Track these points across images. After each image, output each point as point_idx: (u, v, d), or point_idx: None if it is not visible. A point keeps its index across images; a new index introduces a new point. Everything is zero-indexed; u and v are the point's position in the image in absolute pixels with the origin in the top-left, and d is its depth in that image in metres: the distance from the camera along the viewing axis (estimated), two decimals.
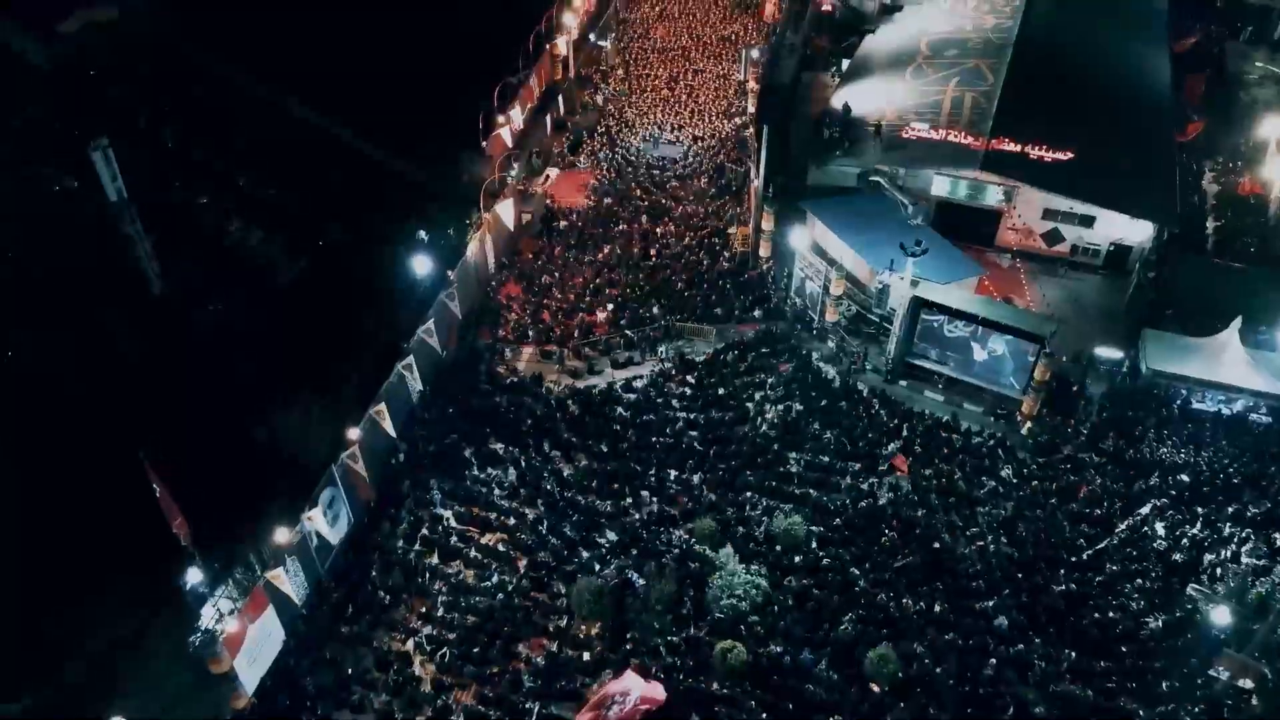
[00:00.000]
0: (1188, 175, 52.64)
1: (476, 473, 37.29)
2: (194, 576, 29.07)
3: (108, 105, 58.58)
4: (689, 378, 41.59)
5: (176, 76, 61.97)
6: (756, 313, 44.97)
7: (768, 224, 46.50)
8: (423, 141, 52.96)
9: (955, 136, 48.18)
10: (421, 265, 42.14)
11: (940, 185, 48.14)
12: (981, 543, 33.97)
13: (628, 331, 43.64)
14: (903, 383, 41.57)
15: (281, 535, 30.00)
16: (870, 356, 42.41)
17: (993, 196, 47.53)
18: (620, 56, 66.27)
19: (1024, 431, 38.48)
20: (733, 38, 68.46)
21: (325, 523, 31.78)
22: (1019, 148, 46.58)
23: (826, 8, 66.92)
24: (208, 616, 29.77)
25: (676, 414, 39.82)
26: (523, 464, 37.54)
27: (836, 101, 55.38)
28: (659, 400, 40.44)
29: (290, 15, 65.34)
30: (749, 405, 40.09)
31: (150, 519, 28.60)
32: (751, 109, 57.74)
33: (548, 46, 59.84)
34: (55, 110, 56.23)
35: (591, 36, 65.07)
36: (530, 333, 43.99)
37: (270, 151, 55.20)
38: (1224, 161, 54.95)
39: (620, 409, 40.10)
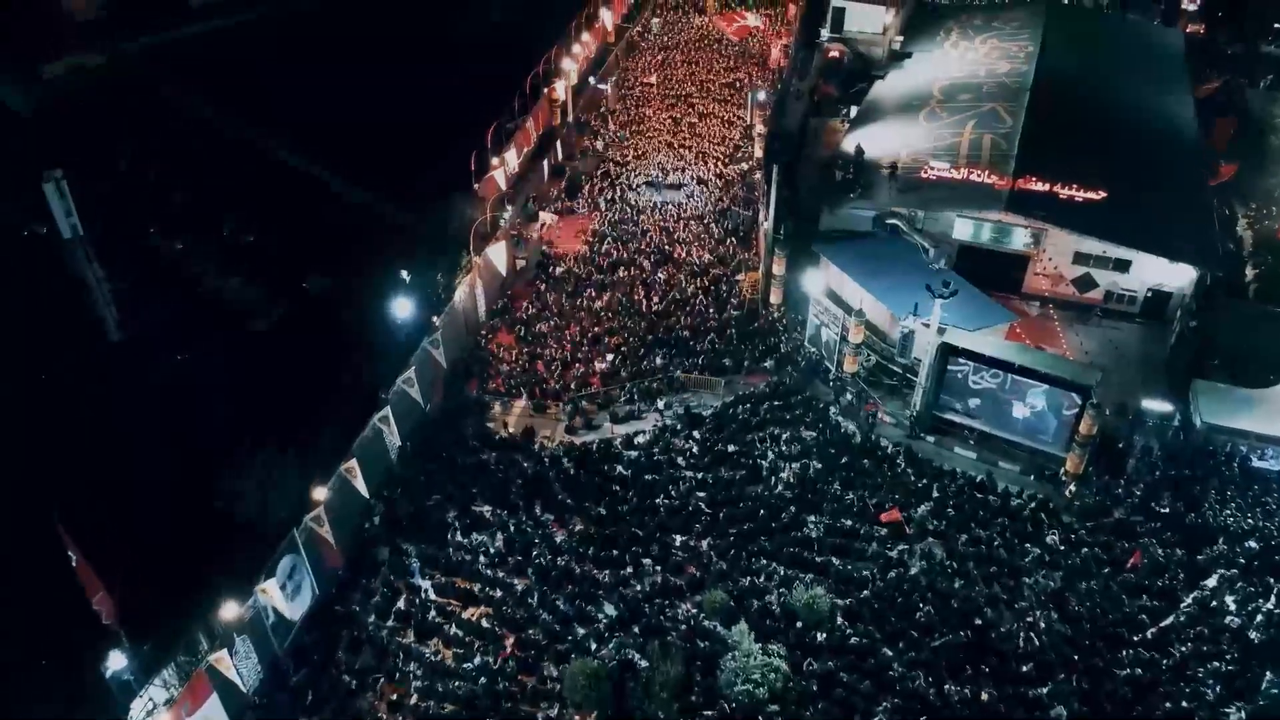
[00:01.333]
0: (1222, 220, 49.69)
1: (460, 538, 33.50)
2: (118, 662, 24.95)
3: (87, 148, 56.26)
4: (695, 433, 38.01)
5: (163, 121, 59.90)
6: (768, 363, 41.53)
7: (779, 268, 43.35)
8: (413, 185, 50.27)
9: (978, 176, 45.27)
10: (403, 308, 38.88)
11: (962, 228, 45.07)
12: (1030, 618, 29.99)
13: (629, 384, 40.19)
14: (930, 438, 37.93)
15: (230, 611, 26.10)
16: (892, 410, 38.86)
17: (1019, 240, 44.41)
18: (621, 102, 64.05)
19: (1069, 493, 34.69)
20: (737, 84, 66.32)
21: (284, 596, 27.88)
22: (1046, 187, 43.60)
23: (834, 55, 64.89)
24: (137, 710, 25.49)
25: (682, 473, 36.16)
26: (512, 529, 33.77)
27: (848, 144, 52.83)
28: (663, 458, 36.80)
29: (282, 61, 63.93)
30: (762, 463, 36.45)
31: (70, 593, 24.72)
32: (758, 152, 55.15)
33: (545, 91, 57.52)
34: (31, 153, 53.61)
35: (591, 80, 62.87)
36: (523, 385, 40.51)
37: (256, 196, 52.75)
38: (1258, 206, 52.10)
39: (620, 468, 36.46)
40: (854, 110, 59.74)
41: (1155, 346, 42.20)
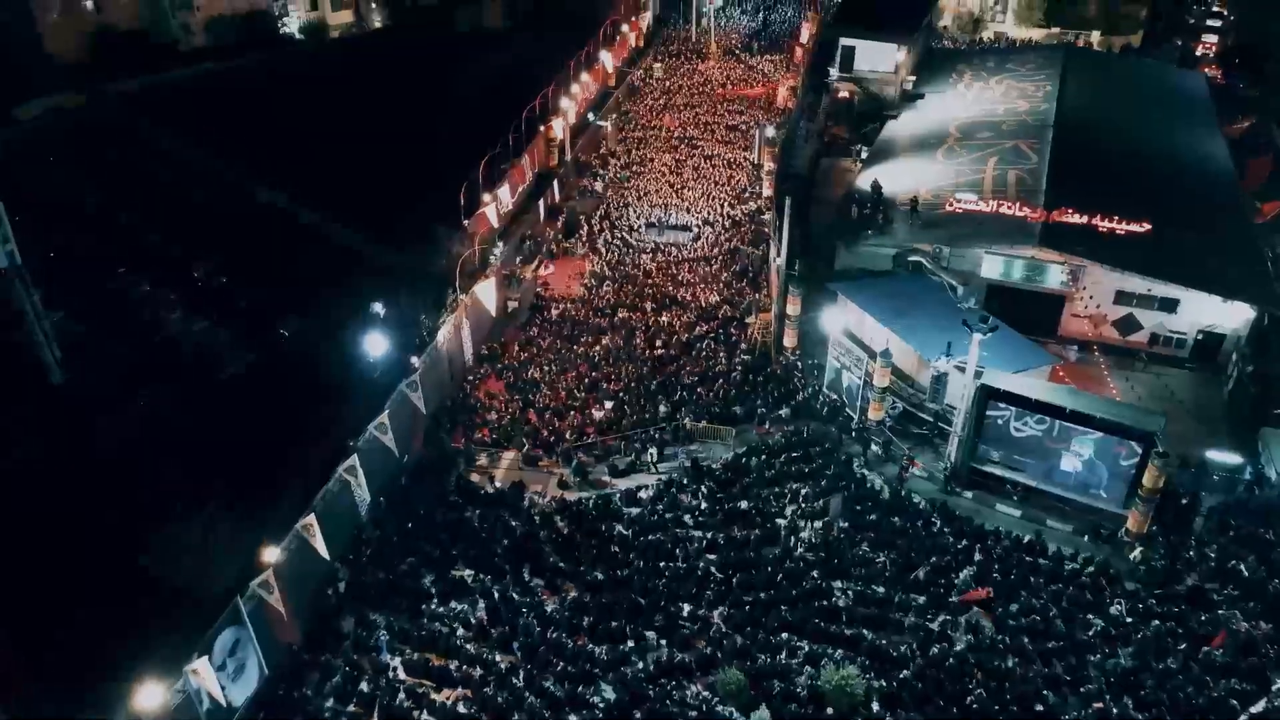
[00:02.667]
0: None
1: (436, 607, 29.20)
2: None
3: (56, 189, 53.25)
4: (704, 488, 33.90)
5: (139, 162, 56.92)
6: (783, 411, 37.60)
7: (793, 308, 39.72)
8: (400, 224, 46.90)
9: (1008, 209, 41.93)
10: (376, 345, 35.06)
11: (991, 266, 41.56)
12: (1100, 704, 25.54)
13: (630, 433, 36.26)
14: (967, 494, 33.82)
15: (152, 696, 21.74)
16: (923, 461, 34.83)
17: (1054, 278, 40.86)
18: (622, 144, 61.25)
19: (1133, 556, 30.43)
20: (742, 127, 63.63)
21: (221, 677, 23.52)
22: (1085, 219, 40.20)
23: (844, 95, 62.36)
24: None
25: (690, 533, 31.99)
26: (496, 596, 29.47)
27: (863, 181, 49.83)
28: (668, 516, 32.67)
29: (270, 105, 61.41)
30: (779, 521, 32.31)
31: None
32: (767, 191, 52.02)
33: (542, 129, 54.64)
34: None
35: (590, 116, 60.12)
36: (512, 435, 36.54)
37: (234, 239, 49.32)
38: None
39: (620, 527, 32.31)
40: (865, 151, 57.02)
41: (1210, 393, 38.32)
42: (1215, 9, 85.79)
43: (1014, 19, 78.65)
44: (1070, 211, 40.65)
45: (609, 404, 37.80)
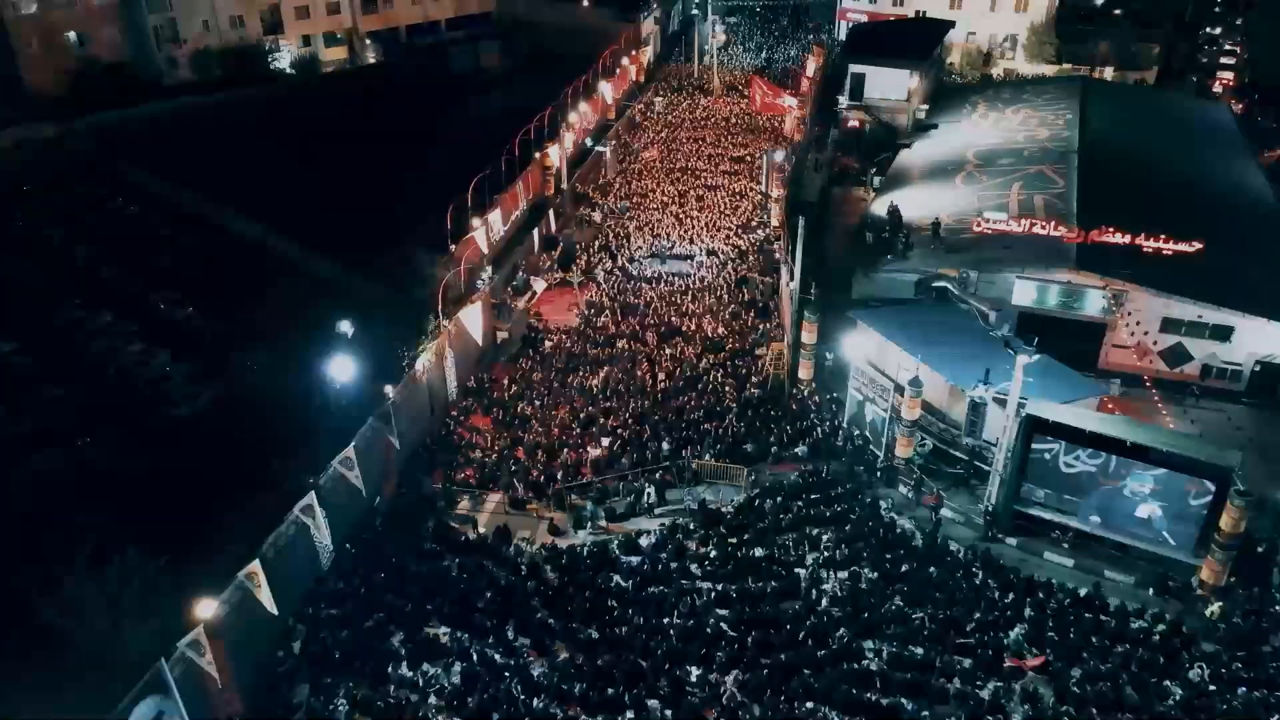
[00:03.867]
0: None
1: (406, 671, 25.18)
2: None
3: (19, 221, 50.40)
4: (713, 534, 30.02)
5: (111, 195, 53.99)
6: (800, 448, 33.84)
7: (809, 336, 36.18)
8: (382, 254, 43.56)
9: (1041, 228, 38.66)
10: (343, 370, 31.43)
11: (1024, 292, 38.11)
12: None
13: (629, 473, 32.51)
14: (1011, 540, 29.91)
15: None
16: (958, 505, 30.98)
17: (1094, 305, 37.35)
18: (622, 175, 58.40)
19: (1209, 612, 26.42)
20: (748, 159, 60.86)
21: None
22: (1128, 239, 36.88)
23: (854, 124, 59.66)
24: None
25: (698, 584, 28.05)
26: (475, 658, 25.48)
27: (879, 207, 46.74)
28: (673, 565, 28.76)
29: (253, 138, 58.71)
30: (799, 571, 28.38)
31: None
32: (776, 220, 48.88)
33: (537, 155, 51.73)
34: None
35: (588, 141, 57.34)
36: (499, 475, 32.75)
37: (201, 271, 46.08)
38: None
39: (619, 578, 28.39)
40: (878, 179, 54.09)
41: (1274, 429, 34.54)
42: (1229, 46, 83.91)
43: (1025, 55, 76.42)
44: (1110, 231, 37.35)
45: (606, 441, 34.08)
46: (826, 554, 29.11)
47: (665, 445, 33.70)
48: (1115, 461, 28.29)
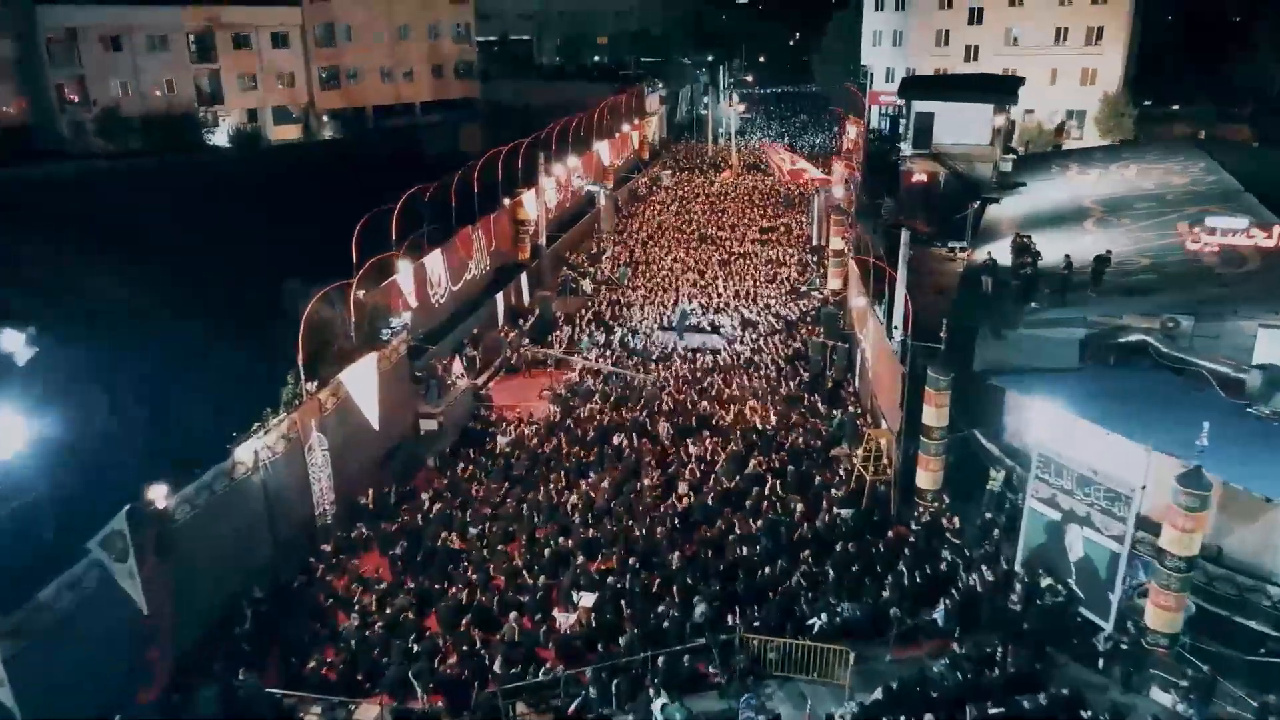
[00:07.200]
0: None
1: None
2: None
3: None
4: None
5: None
6: (937, 611, 18.34)
7: (936, 416, 21.30)
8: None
9: None
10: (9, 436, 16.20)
11: (1272, 345, 23.37)
12: None
13: (629, 661, 17.00)
14: None
15: None
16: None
17: None
18: (622, 244, 45.03)
19: None
20: (782, 228, 47.70)
21: None
22: None
23: (920, 178, 46.45)
24: None
25: None
26: None
27: (988, 252, 32.87)
28: None
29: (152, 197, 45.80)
30: None
31: None
32: (834, 280, 34.98)
33: (507, 202, 38.34)
34: None
35: (577, 178, 44.08)
36: (383, 666, 17.25)
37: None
38: None
39: None
40: (962, 244, 40.50)
41: None
42: None
43: (1097, 130, 64.86)
44: None
45: (589, 599, 18.69)
46: None
47: (699, 608, 18.25)
48: None
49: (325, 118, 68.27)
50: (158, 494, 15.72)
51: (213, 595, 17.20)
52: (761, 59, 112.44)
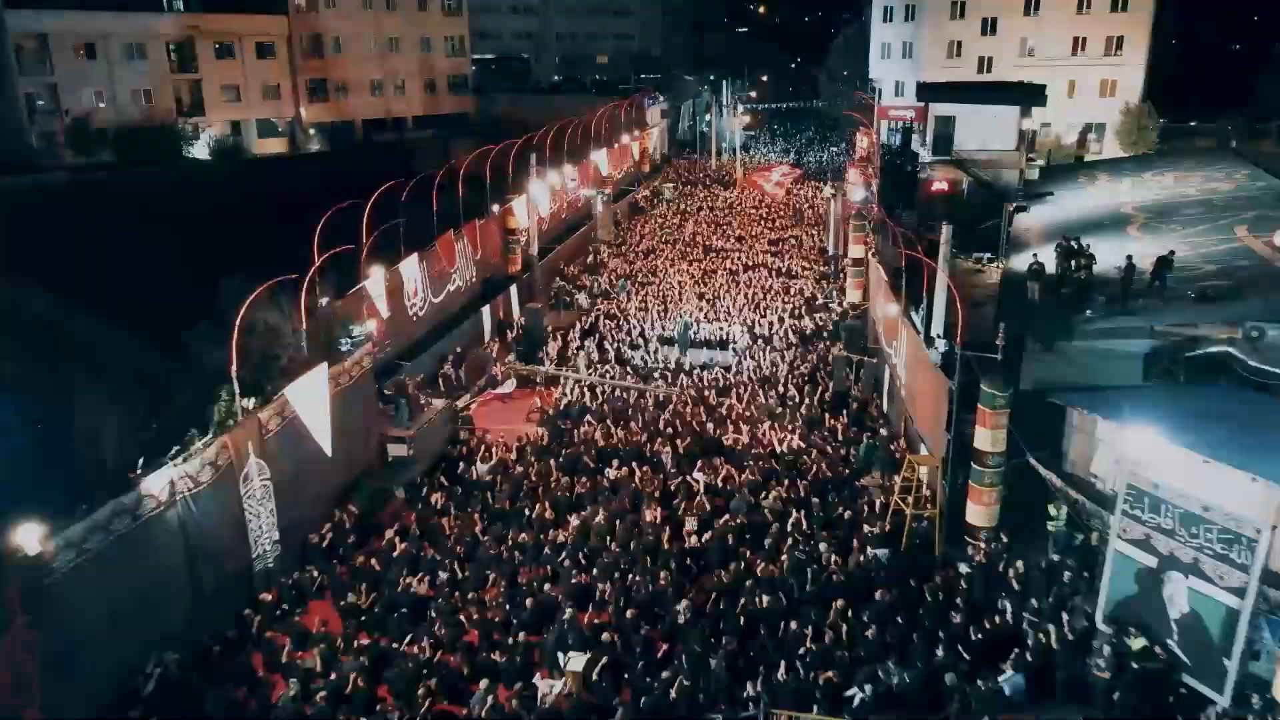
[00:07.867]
0: None
1: None
2: None
3: None
4: None
5: None
6: (1004, 679, 14.91)
7: (992, 440, 17.96)
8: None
9: None
10: None
11: None
12: None
13: None
14: None
15: None
16: None
17: None
18: (621, 257, 41.93)
19: None
20: (793, 240, 44.64)
21: None
22: None
23: (940, 186, 43.45)
24: None
25: None
26: None
27: (1017, 265, 29.85)
28: None
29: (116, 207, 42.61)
30: None
31: None
32: (853, 291, 31.78)
33: (496, 209, 35.30)
34: None
35: (572, 183, 41.01)
36: None
37: None
38: None
39: None
40: (985, 256, 37.42)
41: None
42: None
43: (1119, 143, 61.99)
44: None
45: (578, 661, 15.26)
46: None
47: (712, 673, 14.84)
48: None
49: (312, 131, 65.44)
50: (29, 536, 12.39)
51: (105, 665, 13.78)
52: (764, 78, 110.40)
